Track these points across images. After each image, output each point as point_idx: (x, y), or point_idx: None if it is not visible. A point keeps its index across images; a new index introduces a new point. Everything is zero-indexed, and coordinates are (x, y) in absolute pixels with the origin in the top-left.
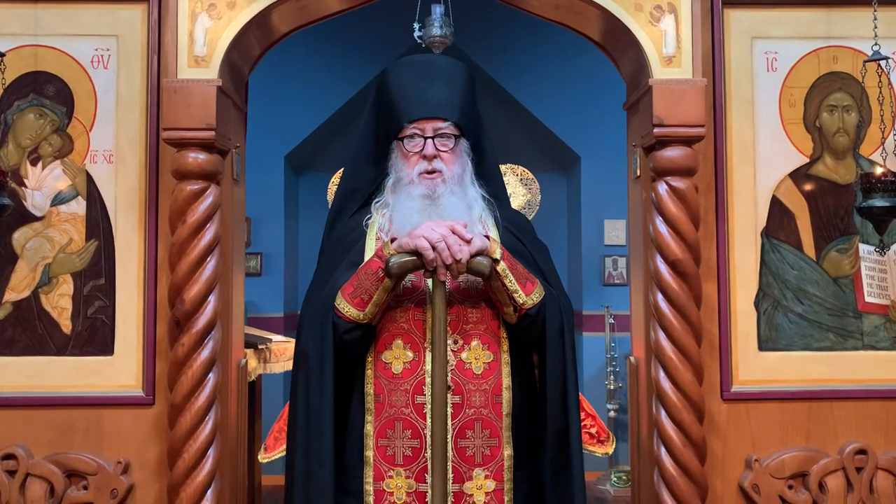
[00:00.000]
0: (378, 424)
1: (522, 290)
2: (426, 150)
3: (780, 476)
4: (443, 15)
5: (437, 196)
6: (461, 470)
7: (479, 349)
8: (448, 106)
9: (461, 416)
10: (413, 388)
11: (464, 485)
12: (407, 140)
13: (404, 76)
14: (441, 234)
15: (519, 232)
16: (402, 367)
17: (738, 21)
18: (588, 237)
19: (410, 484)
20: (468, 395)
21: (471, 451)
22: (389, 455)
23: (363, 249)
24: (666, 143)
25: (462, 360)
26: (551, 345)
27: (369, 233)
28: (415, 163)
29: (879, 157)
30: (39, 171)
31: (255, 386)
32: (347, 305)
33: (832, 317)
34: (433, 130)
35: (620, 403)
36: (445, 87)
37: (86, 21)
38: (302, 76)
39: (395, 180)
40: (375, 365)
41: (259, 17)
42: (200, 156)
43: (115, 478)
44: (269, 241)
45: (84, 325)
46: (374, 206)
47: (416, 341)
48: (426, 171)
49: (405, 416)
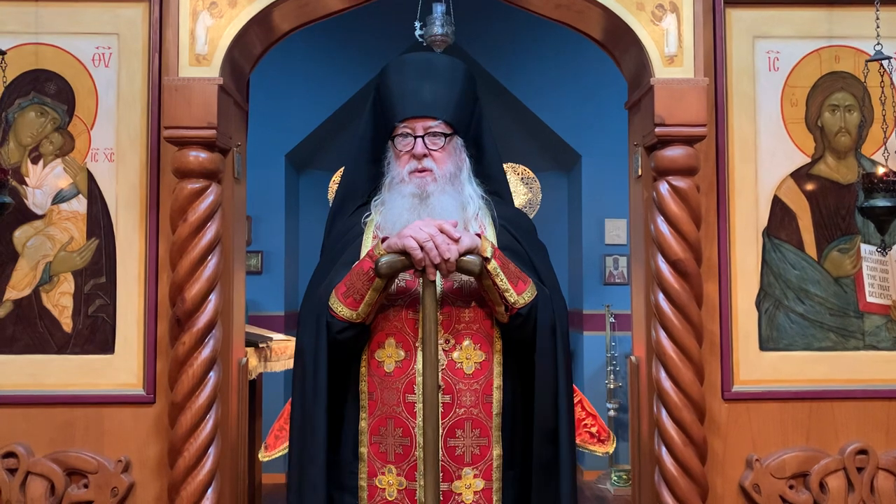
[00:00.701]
0: (371, 421)
1: (514, 290)
2: (415, 149)
3: (780, 476)
4: (444, 13)
5: (427, 195)
6: (450, 469)
7: (471, 349)
8: (440, 104)
9: (451, 415)
10: (404, 386)
11: (452, 483)
12: (399, 139)
13: (399, 75)
14: (429, 233)
15: (517, 231)
16: (394, 365)
17: (740, 20)
18: (589, 236)
19: (401, 482)
20: (458, 395)
21: (460, 451)
22: (382, 452)
23: (360, 248)
24: (667, 143)
25: (453, 359)
26: (542, 345)
27: (367, 231)
28: (405, 162)
29: (881, 156)
30: (40, 170)
31: (255, 384)
32: (340, 305)
33: (833, 317)
34: (423, 129)
35: (621, 402)
36: (439, 85)
37: (87, 19)
38: (303, 74)
39: (388, 179)
40: (369, 363)
41: (260, 15)
42: (201, 154)
43: (116, 476)
44: (269, 239)
45: (85, 323)
46: (373, 204)
47: (407, 340)
48: (416, 170)
49: (396, 415)
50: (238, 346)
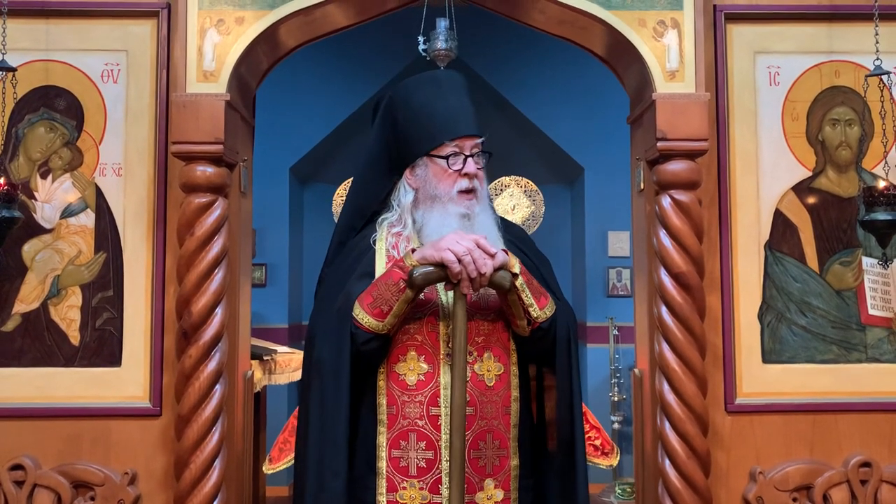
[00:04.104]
0: (391, 436)
1: (537, 305)
2: (468, 169)
3: (784, 489)
4: (447, 28)
5: (474, 215)
6: (473, 480)
7: (491, 361)
8: (479, 123)
9: (474, 427)
10: (428, 399)
11: (475, 495)
12: (451, 158)
13: (436, 90)
14: (467, 247)
15: (522, 244)
16: (417, 378)
17: (741, 36)
18: (592, 248)
19: (424, 495)
20: (481, 407)
21: (482, 462)
22: (403, 466)
23: (373, 260)
24: (669, 157)
25: (476, 371)
26: (561, 357)
27: (378, 247)
28: (454, 181)
29: (882, 170)
30: (49, 184)
31: (260, 397)
32: (366, 315)
33: (836, 329)
34: (471, 148)
35: (625, 415)
36: (471, 104)
37: (96, 36)
38: (307, 88)
39: (424, 197)
40: (388, 376)
41: (267, 32)
42: (208, 169)
43: (122, 488)
44: (273, 251)
45: (92, 336)
46: (378, 223)
47: (430, 353)
48: (466, 190)
49: (419, 428)
50: (244, 358)
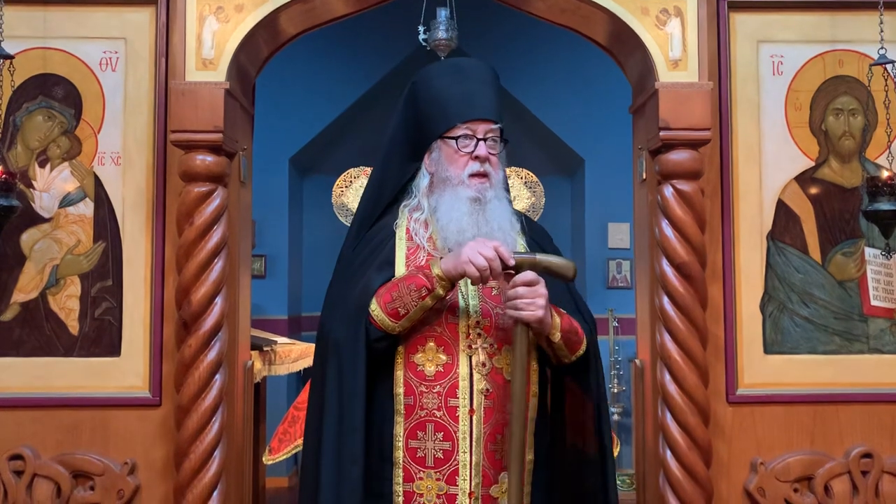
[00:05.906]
0: (408, 426)
1: (571, 355)
2: (478, 152)
3: (785, 479)
4: (448, 18)
5: (486, 201)
6: (489, 473)
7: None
8: (497, 110)
9: (492, 420)
10: (446, 390)
11: (490, 488)
12: (461, 140)
13: (456, 75)
14: (488, 256)
15: (544, 243)
16: (436, 369)
17: (744, 25)
18: (592, 240)
19: (441, 486)
20: (499, 400)
21: (499, 455)
22: (420, 457)
23: (394, 250)
24: (672, 147)
25: (495, 365)
26: (591, 367)
27: (398, 234)
28: (465, 164)
29: (885, 160)
30: (48, 173)
31: (259, 388)
32: (382, 314)
33: (838, 320)
34: (484, 132)
35: (624, 406)
36: (492, 91)
37: (94, 24)
38: (307, 78)
39: (438, 180)
40: (406, 366)
41: (267, 19)
42: (208, 158)
43: (122, 478)
44: (273, 243)
45: (91, 326)
46: (401, 208)
47: (449, 344)
48: (477, 174)
49: (437, 419)
50: (244, 348)
